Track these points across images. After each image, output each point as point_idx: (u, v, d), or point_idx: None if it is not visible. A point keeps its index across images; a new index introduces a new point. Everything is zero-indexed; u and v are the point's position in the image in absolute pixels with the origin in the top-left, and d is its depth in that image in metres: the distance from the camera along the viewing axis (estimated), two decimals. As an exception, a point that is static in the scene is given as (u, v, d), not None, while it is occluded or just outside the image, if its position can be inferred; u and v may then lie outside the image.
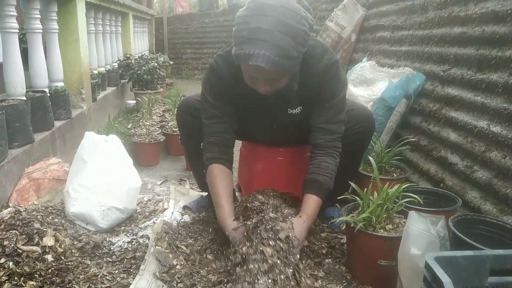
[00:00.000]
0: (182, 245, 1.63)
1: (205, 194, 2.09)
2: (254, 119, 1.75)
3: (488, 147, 1.79)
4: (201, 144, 1.78)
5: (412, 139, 2.25)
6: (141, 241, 1.70)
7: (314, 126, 1.63)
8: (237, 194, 2.21)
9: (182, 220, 1.91)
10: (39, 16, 2.60)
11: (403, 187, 1.52)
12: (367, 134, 1.81)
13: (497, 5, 1.88)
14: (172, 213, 1.95)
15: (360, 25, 3.61)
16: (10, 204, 1.89)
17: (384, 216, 1.52)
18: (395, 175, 2.12)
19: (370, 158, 1.68)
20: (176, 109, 1.96)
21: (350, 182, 1.67)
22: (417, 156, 2.30)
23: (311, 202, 1.56)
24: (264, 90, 1.47)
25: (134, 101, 4.79)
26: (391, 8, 3.07)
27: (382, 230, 1.46)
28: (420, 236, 1.23)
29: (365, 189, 1.56)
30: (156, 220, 1.88)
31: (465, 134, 1.95)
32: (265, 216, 1.46)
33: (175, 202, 2.11)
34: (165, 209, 2.02)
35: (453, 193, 1.84)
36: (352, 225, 1.47)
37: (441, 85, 2.22)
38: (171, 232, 1.71)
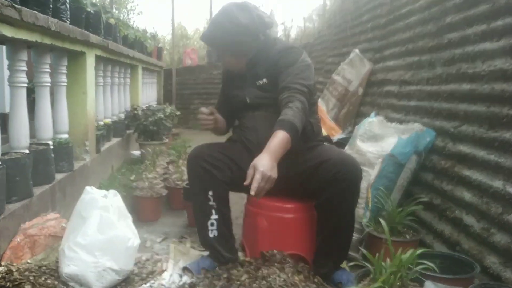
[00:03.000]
0: (180, 313, 1.52)
1: (206, 253, 2.00)
2: (235, 97, 2.05)
3: (505, 209, 1.70)
4: (210, 195, 1.87)
5: (424, 199, 2.17)
6: (137, 307, 1.59)
7: (280, 89, 1.84)
8: (240, 254, 2.10)
9: (181, 283, 1.80)
10: (49, 70, 2.65)
11: (417, 253, 1.43)
12: (351, 180, 1.74)
13: (505, 64, 1.86)
14: (171, 275, 1.85)
15: (366, 79, 3.64)
16: (2, 263, 1.80)
17: (398, 284, 1.41)
18: (408, 236, 2.01)
19: (382, 220, 1.59)
20: (187, 157, 2.01)
21: (360, 248, 1.58)
22: (431, 216, 2.20)
23: (273, 136, 1.67)
24: (223, 63, 2.11)
25: (139, 152, 4.78)
26: (398, 63, 3.10)
27: (396, 302, 1.35)
28: (439, 312, 1.12)
29: (377, 254, 1.47)
30: (153, 283, 1.78)
31: (480, 194, 1.87)
32: None
33: (175, 262, 2.01)
34: (163, 271, 1.91)
35: (470, 258, 1.73)
36: (364, 295, 1.36)
37: (452, 142, 2.16)
38: (168, 297, 1.61)
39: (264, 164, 1.58)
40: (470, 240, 1.86)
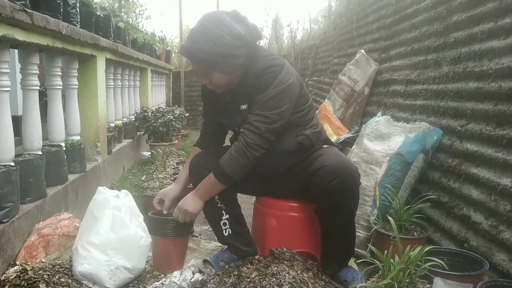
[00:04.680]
0: (191, 309, 1.54)
1: (225, 247, 2.04)
2: (224, 124, 1.96)
3: (513, 206, 1.70)
4: (216, 199, 1.87)
5: (432, 196, 2.17)
6: (149, 304, 1.62)
7: None
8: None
9: (192, 280, 1.83)
10: (60, 73, 2.69)
11: (425, 249, 1.44)
12: (347, 188, 1.68)
13: (513, 61, 1.86)
14: (182, 273, 1.88)
15: (373, 79, 3.64)
16: (17, 262, 1.85)
17: (407, 281, 1.42)
18: (415, 233, 2.02)
19: (390, 218, 1.60)
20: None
21: (368, 245, 1.60)
22: (438, 214, 2.20)
23: (207, 177, 1.79)
24: (205, 82, 1.78)
25: (149, 153, 4.83)
26: (404, 63, 3.10)
27: (405, 298, 1.36)
28: (448, 307, 1.13)
29: (385, 251, 1.48)
30: (164, 281, 1.81)
31: (488, 191, 1.87)
32: None
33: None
34: (175, 269, 1.94)
35: (479, 255, 1.73)
36: (372, 291, 1.38)
37: (459, 140, 2.17)
38: (180, 294, 1.63)
39: (184, 200, 1.85)
40: (478, 237, 1.87)
